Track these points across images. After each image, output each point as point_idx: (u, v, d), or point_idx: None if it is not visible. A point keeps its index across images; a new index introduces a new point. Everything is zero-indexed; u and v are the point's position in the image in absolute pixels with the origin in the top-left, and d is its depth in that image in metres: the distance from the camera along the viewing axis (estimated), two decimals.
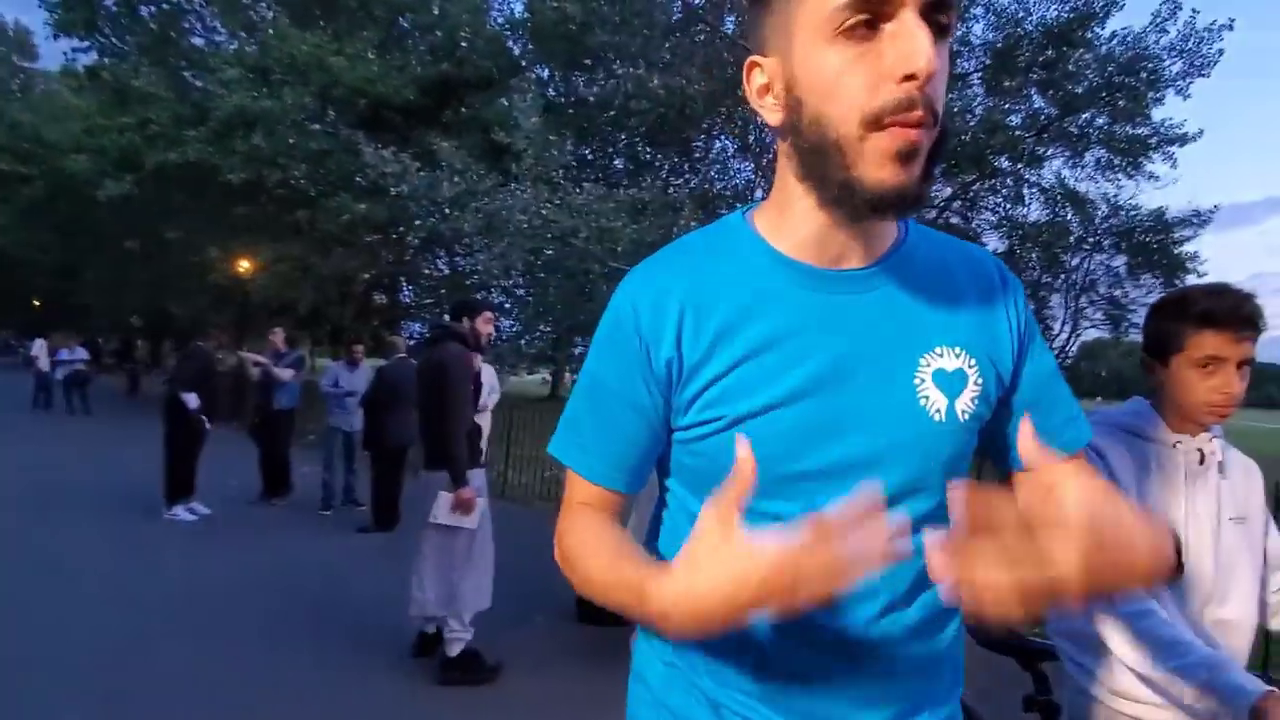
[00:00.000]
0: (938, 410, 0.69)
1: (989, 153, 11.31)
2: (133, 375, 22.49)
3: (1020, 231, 12.48)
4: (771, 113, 0.68)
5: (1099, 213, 12.64)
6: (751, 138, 14.07)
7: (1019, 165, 12.46)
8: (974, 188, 13.18)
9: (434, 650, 3.48)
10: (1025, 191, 13.21)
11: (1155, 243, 12.27)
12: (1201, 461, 1.32)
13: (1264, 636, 3.61)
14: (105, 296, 23.58)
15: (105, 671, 3.23)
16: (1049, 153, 12.57)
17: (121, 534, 5.69)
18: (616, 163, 14.58)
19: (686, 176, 13.33)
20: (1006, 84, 12.05)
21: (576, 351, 13.53)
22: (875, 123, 0.59)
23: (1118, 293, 13.12)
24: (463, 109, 14.64)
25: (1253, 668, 3.54)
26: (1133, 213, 12.36)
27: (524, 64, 14.91)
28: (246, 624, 3.94)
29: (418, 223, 10.09)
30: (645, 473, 0.80)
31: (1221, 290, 1.31)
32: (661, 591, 0.59)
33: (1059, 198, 12.98)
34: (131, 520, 6.12)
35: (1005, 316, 0.75)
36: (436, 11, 16.23)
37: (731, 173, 14.88)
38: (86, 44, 19.43)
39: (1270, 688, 1.11)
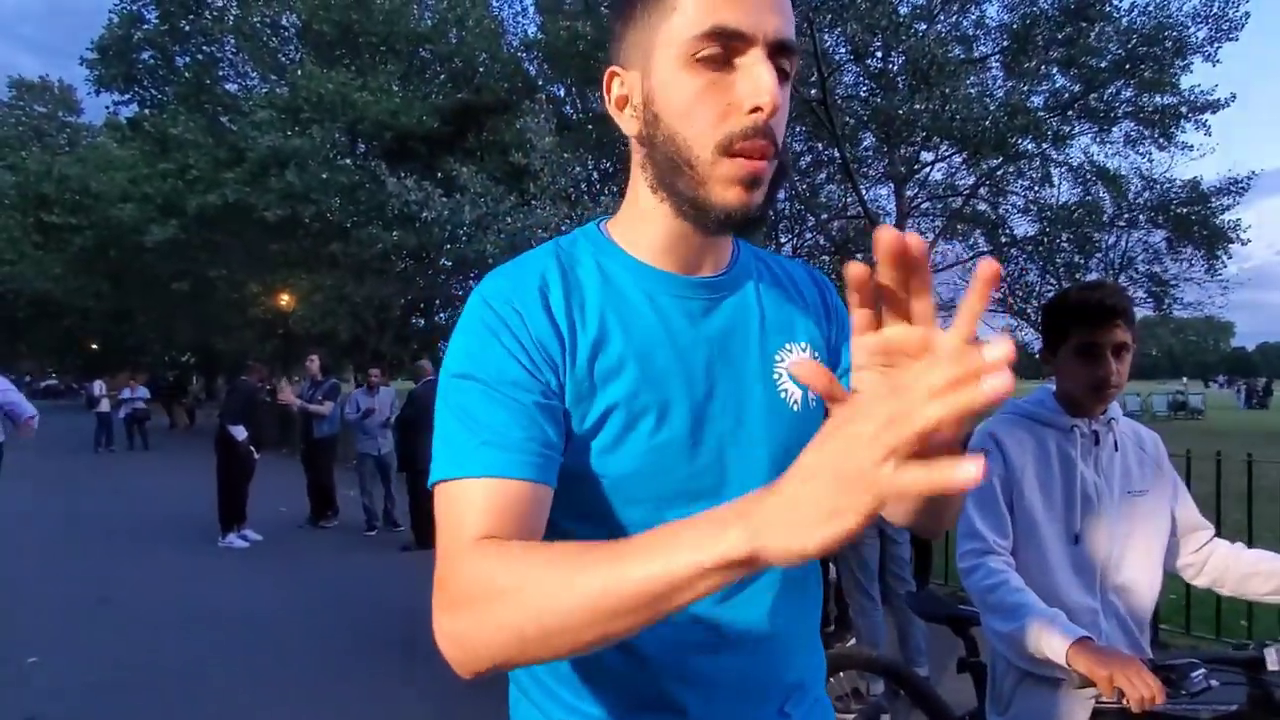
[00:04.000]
0: (795, 401, 0.77)
1: (1012, 136, 11.14)
2: (189, 410, 23.43)
3: (1050, 214, 12.22)
4: (629, 123, 0.72)
5: (1132, 188, 12.32)
6: None
7: (1044, 146, 12.24)
8: (999, 172, 12.97)
9: None
10: (1053, 172, 12.96)
11: (1193, 215, 11.90)
12: (1097, 442, 1.46)
13: (1185, 595, 3.75)
14: (158, 336, 24.64)
15: (166, 695, 3.43)
16: (1075, 131, 12.31)
17: (179, 563, 5.98)
18: None
19: None
20: (1026, 65, 11.87)
21: None
22: (725, 148, 0.66)
23: (1158, 269, 12.76)
24: (483, 134, 14.98)
25: (1174, 626, 3.60)
26: (1167, 185, 12.03)
27: (540, 84, 15.20)
28: (298, 645, 4.12)
29: (447, 247, 10.38)
30: (556, 464, 0.68)
31: (1094, 286, 1.51)
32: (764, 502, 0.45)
33: (1089, 176, 12.70)
34: (189, 549, 6.42)
35: (826, 305, 0.86)
36: (454, 40, 16.69)
37: None
38: (127, 96, 20.47)
39: (1083, 633, 1.26)
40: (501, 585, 0.55)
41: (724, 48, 0.65)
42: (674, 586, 0.48)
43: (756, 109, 0.65)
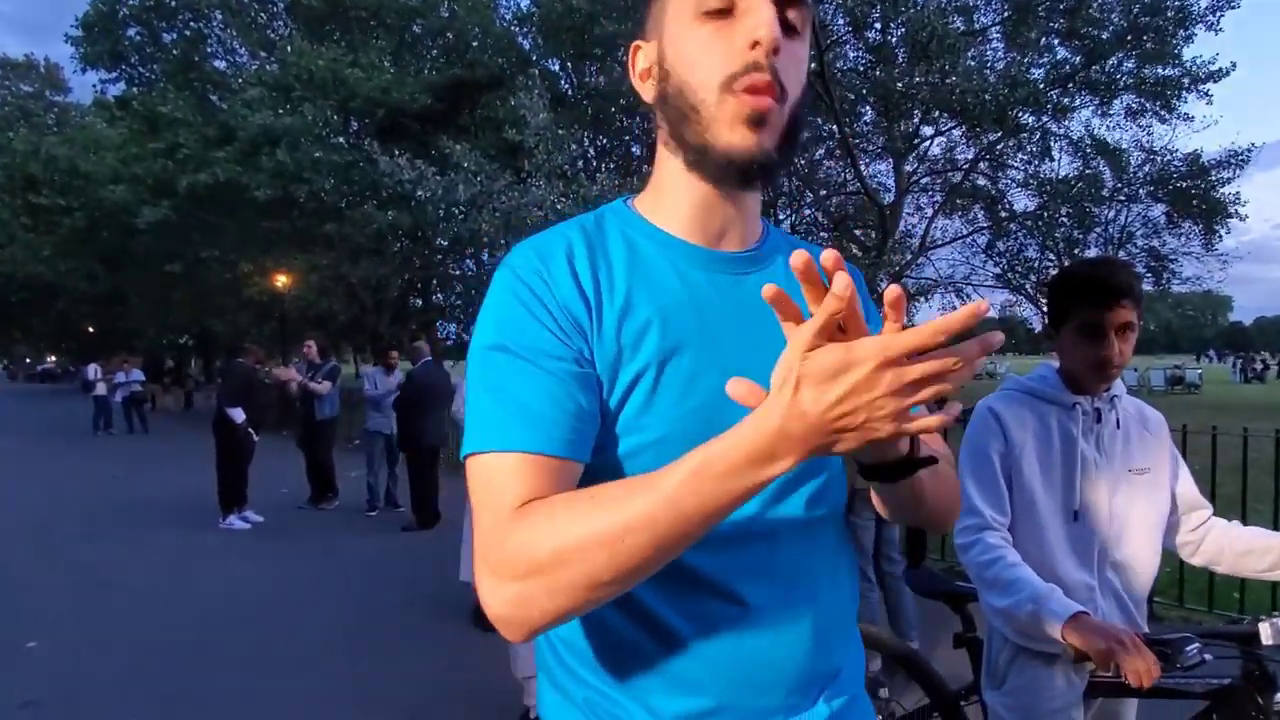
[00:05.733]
0: None
1: (1012, 108, 11.02)
2: (187, 392, 23.43)
3: (1049, 188, 12.14)
4: (649, 90, 0.75)
5: (1132, 161, 12.25)
6: None
7: (1044, 119, 12.13)
8: (999, 146, 12.86)
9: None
10: (1053, 145, 12.85)
11: (1193, 189, 11.84)
12: (1099, 419, 1.45)
13: (1179, 568, 3.77)
14: (153, 318, 24.52)
15: (167, 678, 3.45)
16: (1075, 103, 12.20)
17: (179, 545, 6.00)
18: (635, 149, 14.58)
19: None
20: (1027, 36, 11.71)
21: None
22: (727, 86, 0.67)
23: (1156, 243, 12.73)
24: (477, 110, 14.79)
25: (1167, 599, 3.61)
26: (1167, 158, 11.95)
27: (534, 59, 14.98)
28: (301, 626, 4.15)
29: (443, 225, 10.30)
30: (590, 435, 0.68)
31: (1099, 263, 1.48)
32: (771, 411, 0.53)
33: (1089, 149, 12.61)
34: (189, 532, 6.44)
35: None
36: (446, 14, 16.41)
37: None
38: (114, 74, 20.15)
39: (1079, 608, 1.27)
40: (562, 541, 0.58)
41: None
42: (730, 508, 0.56)
43: (755, 44, 0.66)
